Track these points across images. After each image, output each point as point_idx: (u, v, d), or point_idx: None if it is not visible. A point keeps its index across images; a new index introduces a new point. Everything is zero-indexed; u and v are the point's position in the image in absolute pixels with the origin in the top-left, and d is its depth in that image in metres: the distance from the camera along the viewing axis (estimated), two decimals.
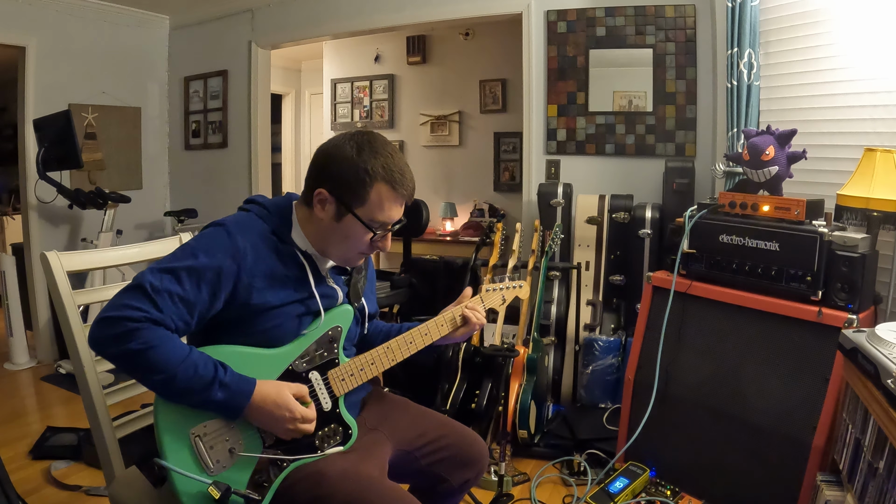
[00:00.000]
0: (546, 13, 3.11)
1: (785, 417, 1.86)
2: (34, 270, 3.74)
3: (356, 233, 1.21)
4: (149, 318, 1.04)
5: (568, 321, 2.92)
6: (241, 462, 1.14)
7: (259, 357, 1.17)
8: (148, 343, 1.03)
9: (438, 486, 1.40)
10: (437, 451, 1.37)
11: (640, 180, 2.96)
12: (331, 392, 1.24)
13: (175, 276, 1.09)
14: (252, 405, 1.11)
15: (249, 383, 1.11)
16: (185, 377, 1.05)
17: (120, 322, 1.03)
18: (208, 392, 1.07)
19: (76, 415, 2.96)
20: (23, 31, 3.58)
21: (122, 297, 1.06)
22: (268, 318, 1.18)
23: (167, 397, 1.09)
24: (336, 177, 1.20)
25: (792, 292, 1.89)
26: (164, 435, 1.09)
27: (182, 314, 1.09)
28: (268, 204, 1.27)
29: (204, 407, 1.09)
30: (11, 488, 1.66)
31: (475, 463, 1.41)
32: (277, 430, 1.15)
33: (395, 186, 1.20)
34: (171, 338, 1.07)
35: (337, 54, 5.66)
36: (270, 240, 1.21)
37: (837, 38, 2.23)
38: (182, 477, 1.08)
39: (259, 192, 4.10)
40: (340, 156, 1.20)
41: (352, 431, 1.26)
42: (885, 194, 1.81)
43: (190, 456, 1.10)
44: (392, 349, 1.31)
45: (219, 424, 1.13)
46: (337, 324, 1.27)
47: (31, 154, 3.60)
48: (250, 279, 1.15)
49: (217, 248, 1.13)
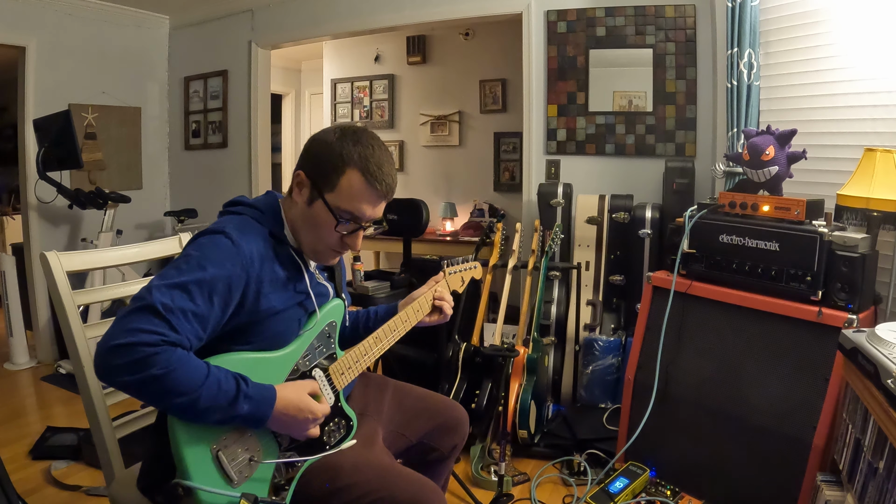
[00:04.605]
0: (546, 13, 3.11)
1: (785, 417, 1.86)
2: (34, 270, 3.74)
3: (324, 220, 1.18)
4: (166, 341, 0.98)
5: (568, 321, 2.92)
6: (261, 469, 1.13)
7: (266, 361, 1.15)
8: (168, 367, 0.96)
9: (429, 456, 1.46)
10: (423, 425, 1.44)
11: (640, 180, 2.96)
12: (332, 386, 1.24)
13: (186, 291, 1.02)
14: (275, 412, 1.07)
15: (271, 391, 1.08)
16: (209, 396, 0.99)
17: (135, 348, 0.95)
18: (234, 407, 1.02)
19: (76, 415, 2.96)
20: (23, 31, 3.58)
21: (131, 320, 0.98)
22: (274, 323, 1.17)
23: (189, 418, 1.02)
24: (313, 159, 1.19)
25: (792, 292, 1.89)
26: (187, 454, 1.03)
27: (196, 331, 1.04)
28: (259, 205, 1.24)
29: (230, 422, 1.05)
30: (11, 488, 1.65)
31: (458, 427, 1.47)
32: (297, 432, 1.13)
33: (368, 177, 1.16)
34: (190, 357, 1.01)
35: (337, 54, 5.66)
36: (269, 242, 1.19)
37: (837, 38, 2.23)
38: (209, 494, 1.03)
39: (259, 191, 4.10)
40: (321, 139, 1.20)
41: (353, 423, 1.28)
42: (885, 194, 1.81)
43: (216, 471, 1.06)
44: (379, 338, 1.32)
45: (237, 434, 1.10)
46: (332, 319, 1.28)
47: (31, 154, 3.60)
48: (258, 285, 1.13)
49: (224, 258, 1.08)
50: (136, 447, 1.46)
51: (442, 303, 1.44)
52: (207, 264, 1.06)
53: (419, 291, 1.45)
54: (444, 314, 1.45)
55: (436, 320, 1.45)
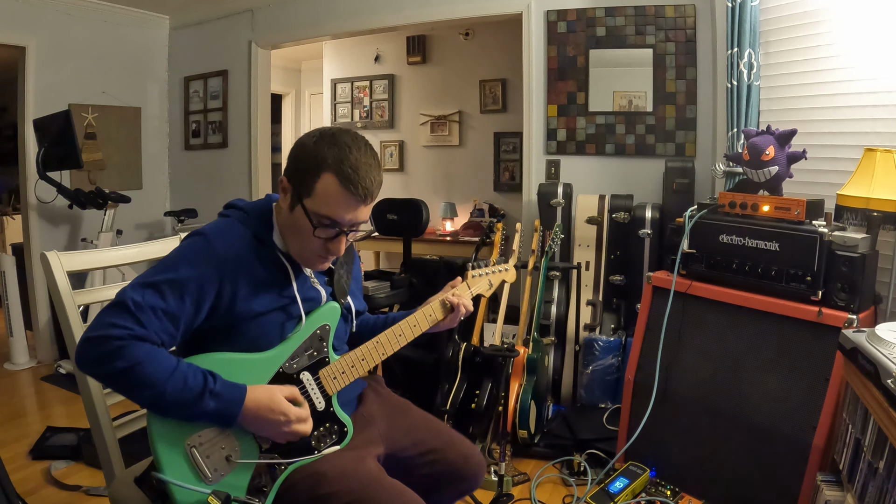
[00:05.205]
0: (546, 13, 3.11)
1: (785, 417, 1.86)
2: (34, 270, 3.74)
3: (304, 226, 1.16)
4: (132, 336, 1.02)
5: (568, 321, 2.92)
6: (239, 469, 1.12)
7: (248, 362, 1.15)
8: (133, 360, 1.01)
9: (429, 496, 1.36)
10: (432, 464, 1.35)
11: (640, 180, 2.96)
12: (323, 391, 1.22)
13: (157, 290, 1.07)
14: (245, 412, 1.08)
15: (240, 390, 1.09)
16: (174, 390, 1.02)
17: (104, 341, 1.01)
18: (199, 403, 1.04)
19: (76, 415, 2.96)
20: (23, 31, 3.58)
21: (105, 315, 1.04)
22: (253, 326, 1.16)
23: (159, 412, 1.06)
24: (293, 163, 1.18)
25: (792, 292, 1.89)
26: (160, 448, 1.07)
27: (167, 328, 1.07)
28: (247, 208, 1.24)
29: (197, 418, 1.07)
30: (11, 488, 1.65)
31: (471, 479, 1.38)
32: (273, 434, 1.13)
33: (343, 181, 1.12)
34: (157, 352, 1.04)
35: (337, 54, 5.66)
36: (251, 245, 1.18)
37: (837, 38, 2.22)
38: (181, 489, 1.06)
39: (259, 192, 4.10)
40: (301, 143, 1.18)
41: (347, 429, 1.25)
42: (885, 194, 1.81)
43: (187, 467, 1.08)
44: (382, 343, 1.29)
45: (214, 433, 1.11)
46: (325, 322, 1.24)
47: (31, 154, 3.60)
48: (234, 287, 1.13)
49: (198, 259, 1.11)
50: (137, 447, 1.46)
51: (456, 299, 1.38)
52: (181, 265, 1.10)
53: (435, 296, 1.40)
54: (457, 312, 1.38)
55: (449, 321, 1.40)
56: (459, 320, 1.42)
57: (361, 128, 5.47)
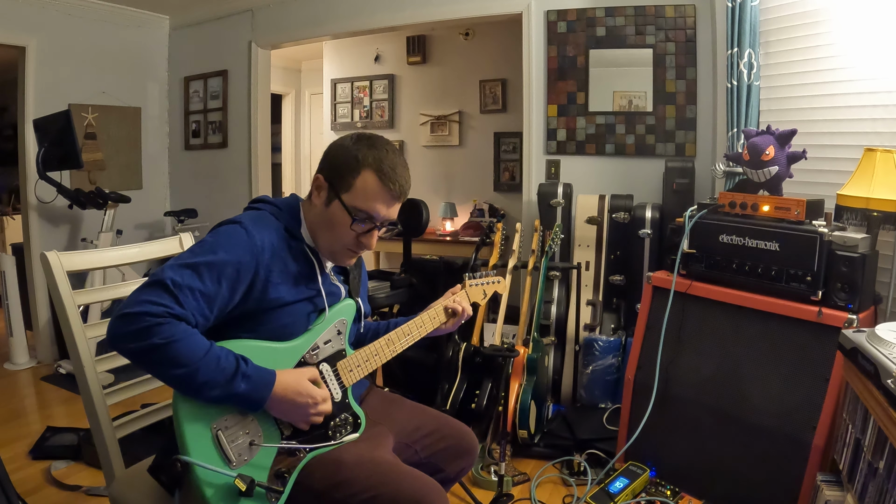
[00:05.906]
0: (546, 13, 3.11)
1: (785, 417, 1.86)
2: (34, 270, 3.74)
3: (341, 220, 1.24)
4: (171, 314, 1.05)
5: (568, 321, 2.92)
6: (261, 454, 1.15)
7: (273, 350, 1.20)
8: (170, 338, 1.03)
9: (435, 476, 1.45)
10: (433, 444, 1.44)
11: (640, 180, 2.96)
12: (340, 382, 1.28)
13: (195, 271, 1.10)
14: (274, 395, 1.12)
15: (270, 374, 1.13)
16: (207, 370, 1.05)
17: (141, 317, 1.03)
18: (231, 384, 1.08)
19: (76, 415, 2.96)
20: (23, 31, 3.58)
21: (142, 293, 1.06)
22: (281, 314, 1.22)
23: (188, 392, 1.08)
24: (331, 162, 1.26)
25: (792, 292, 1.89)
26: (187, 430, 1.08)
27: (202, 309, 1.10)
28: (279, 203, 1.31)
29: (226, 400, 1.09)
30: (11, 488, 1.65)
31: (468, 453, 1.48)
32: (299, 418, 1.17)
33: (382, 178, 1.22)
34: (193, 332, 1.07)
35: (337, 54, 5.66)
36: (283, 237, 1.24)
37: (837, 38, 2.23)
38: (206, 471, 1.07)
39: (259, 192, 4.11)
40: (339, 144, 1.28)
41: (361, 421, 1.30)
42: (885, 194, 1.81)
43: (213, 450, 1.10)
44: (392, 340, 1.37)
45: (239, 417, 1.13)
46: (343, 317, 1.32)
47: (31, 154, 3.60)
48: (267, 274, 1.18)
49: (236, 245, 1.15)
50: (137, 447, 1.46)
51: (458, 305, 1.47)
52: (219, 249, 1.14)
53: (438, 301, 1.49)
54: (458, 316, 1.48)
55: (451, 324, 1.49)
56: (459, 324, 1.51)
57: (361, 128, 5.47)
